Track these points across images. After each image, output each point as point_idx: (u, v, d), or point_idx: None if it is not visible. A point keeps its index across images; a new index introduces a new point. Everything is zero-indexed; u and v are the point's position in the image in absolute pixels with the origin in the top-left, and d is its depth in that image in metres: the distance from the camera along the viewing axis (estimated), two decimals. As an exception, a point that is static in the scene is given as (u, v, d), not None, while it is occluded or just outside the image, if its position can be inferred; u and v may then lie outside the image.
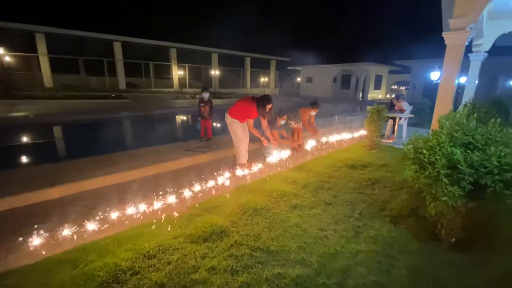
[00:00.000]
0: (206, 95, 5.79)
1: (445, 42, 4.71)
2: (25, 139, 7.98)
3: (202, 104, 5.79)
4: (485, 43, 7.08)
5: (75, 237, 2.33)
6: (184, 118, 13.03)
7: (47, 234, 2.31)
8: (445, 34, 4.67)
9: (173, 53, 21.52)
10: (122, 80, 19.21)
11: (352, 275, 1.98)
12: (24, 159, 5.84)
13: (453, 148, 2.08)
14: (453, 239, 2.34)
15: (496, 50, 8.40)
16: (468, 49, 6.55)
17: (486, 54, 7.27)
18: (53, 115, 10.16)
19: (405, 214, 2.88)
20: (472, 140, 2.19)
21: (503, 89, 14.96)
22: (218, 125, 9.52)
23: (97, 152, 4.59)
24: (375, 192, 3.49)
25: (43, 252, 2.14)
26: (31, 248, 2.16)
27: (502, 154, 1.95)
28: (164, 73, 22.06)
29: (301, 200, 3.20)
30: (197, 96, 18.75)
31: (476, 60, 7.38)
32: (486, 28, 6.52)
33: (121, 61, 18.98)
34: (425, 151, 2.26)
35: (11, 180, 3.39)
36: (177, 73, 22.10)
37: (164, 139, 5.27)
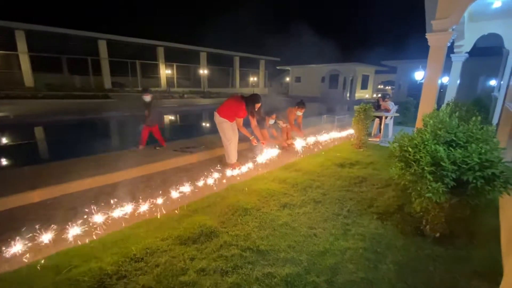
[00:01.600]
0: (146, 98, 4.95)
1: (429, 43, 4.85)
2: (4, 140, 7.65)
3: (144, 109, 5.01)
4: (466, 44, 7.34)
5: (57, 241, 2.25)
6: (172, 118, 12.85)
7: (28, 239, 2.21)
8: (428, 35, 4.80)
9: (160, 51, 21.15)
10: (107, 79, 18.69)
11: (341, 272, 2.00)
12: (4, 161, 5.59)
13: (437, 146, 2.14)
14: (438, 234, 2.41)
15: (476, 51, 8.72)
16: (450, 50, 6.77)
17: (467, 55, 7.54)
18: (35, 116, 9.79)
19: (392, 211, 2.95)
20: (454, 138, 2.26)
21: (483, 88, 15.57)
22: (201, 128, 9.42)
23: (81, 153, 4.45)
24: (362, 190, 3.55)
25: (24, 258, 2.05)
26: (11, 254, 2.07)
27: (483, 151, 2.02)
28: (151, 72, 21.63)
29: (291, 199, 3.21)
30: (185, 96, 18.52)
31: (458, 60, 7.64)
32: (467, 30, 6.76)
33: (106, 59, 18.47)
34: (410, 149, 2.31)
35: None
36: (165, 72, 21.73)
37: (150, 139, 5.15)
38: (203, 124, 11.62)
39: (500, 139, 2.59)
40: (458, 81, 7.87)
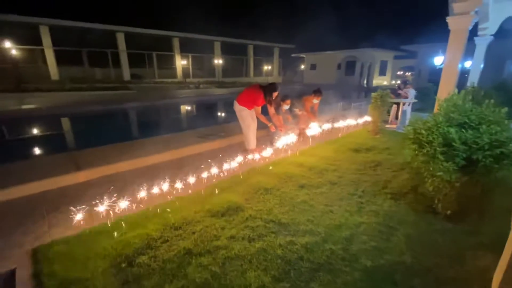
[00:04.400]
0: None
1: (449, 27, 4.77)
2: (43, 131, 8.34)
3: None
4: (491, 26, 7.05)
5: (107, 213, 2.61)
6: (189, 108, 13.24)
7: (82, 212, 2.58)
8: (449, 19, 4.73)
9: (176, 42, 21.47)
10: (126, 71, 19.31)
11: (355, 242, 2.23)
12: (50, 148, 6.17)
13: (449, 128, 2.28)
14: (449, 212, 2.56)
15: (503, 33, 8.33)
16: (474, 32, 6.54)
17: (492, 37, 7.25)
18: (64, 107, 10.44)
19: (405, 191, 3.11)
20: (467, 120, 2.38)
21: (510, 72, 14.75)
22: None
23: (115, 140, 4.86)
24: (377, 173, 3.71)
25: (83, 226, 2.43)
26: (71, 222, 2.45)
27: (493, 132, 2.14)
28: (167, 63, 22.10)
29: (308, 181, 3.44)
30: (201, 86, 18.83)
31: (482, 43, 7.37)
32: (492, 11, 6.49)
33: (124, 52, 19.04)
34: (423, 131, 2.45)
35: (45, 165, 3.67)
36: (181, 63, 22.11)
37: (175, 127, 5.47)
38: (221, 113, 11.92)
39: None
40: (482, 65, 7.61)
